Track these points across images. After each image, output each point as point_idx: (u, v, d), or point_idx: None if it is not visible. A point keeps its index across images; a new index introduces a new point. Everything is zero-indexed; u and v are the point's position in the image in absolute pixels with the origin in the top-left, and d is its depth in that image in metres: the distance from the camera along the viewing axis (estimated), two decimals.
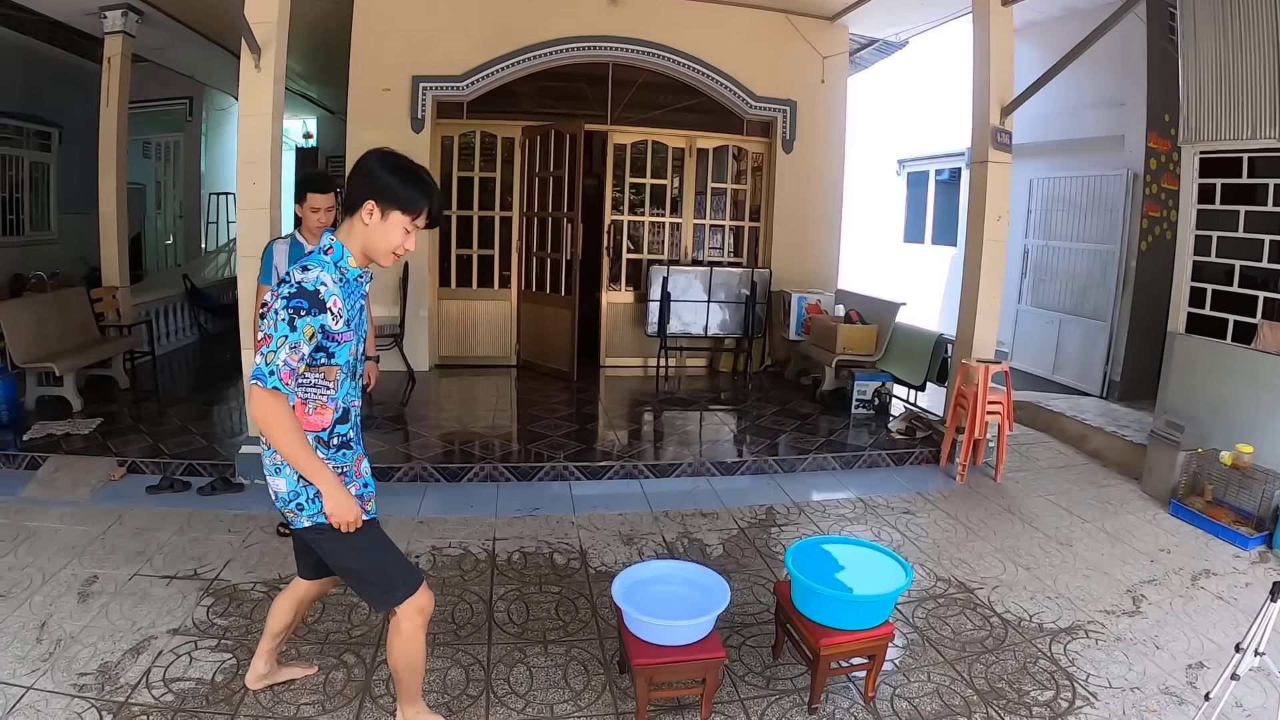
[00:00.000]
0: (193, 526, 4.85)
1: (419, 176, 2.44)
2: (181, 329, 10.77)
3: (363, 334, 2.57)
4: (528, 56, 8.41)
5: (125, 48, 8.79)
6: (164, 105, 13.79)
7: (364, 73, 8.47)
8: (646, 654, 2.76)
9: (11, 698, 3.13)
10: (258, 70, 5.52)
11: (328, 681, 3.21)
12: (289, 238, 4.59)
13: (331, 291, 2.34)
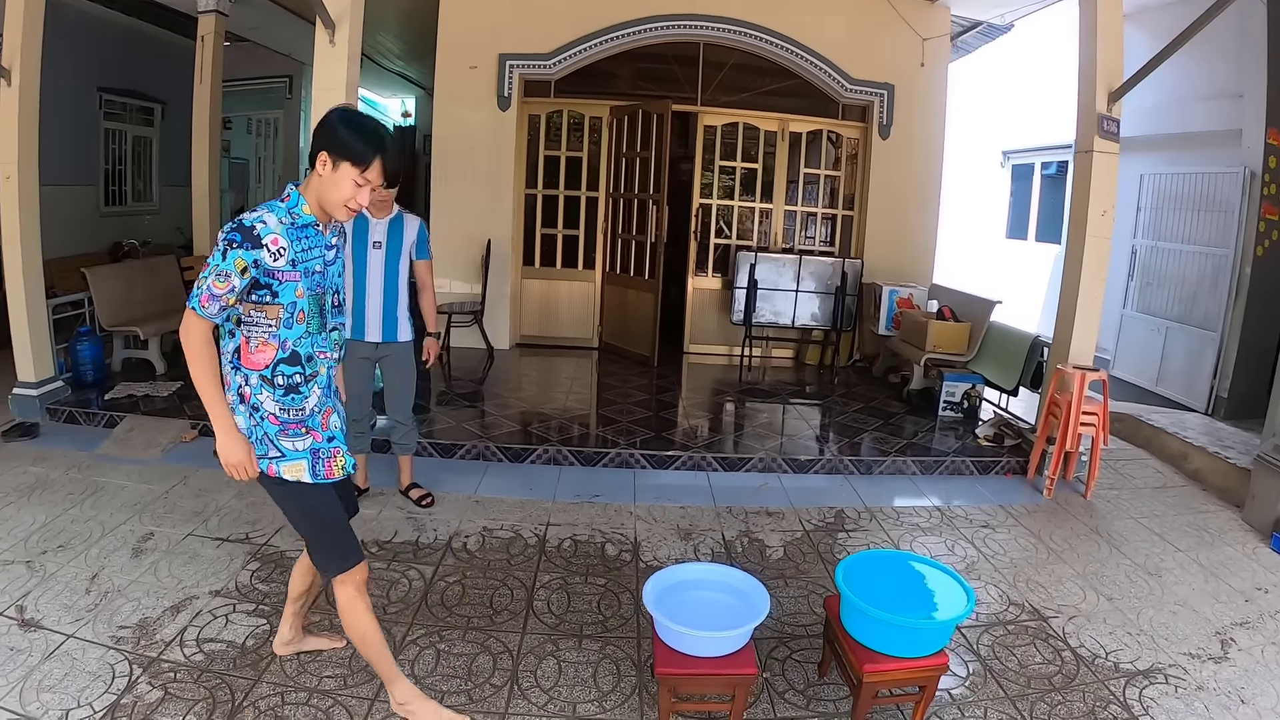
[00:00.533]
0: (252, 491, 4.90)
1: (371, 131, 2.52)
2: None
3: (331, 284, 2.67)
4: (616, 34, 8.31)
5: (218, 26, 9.07)
6: (265, 83, 14.33)
7: (451, 51, 8.53)
8: (673, 663, 2.61)
9: (52, 644, 3.26)
10: (332, 45, 5.58)
11: (353, 656, 3.19)
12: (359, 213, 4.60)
13: (271, 230, 2.42)
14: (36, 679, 3.02)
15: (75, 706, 2.88)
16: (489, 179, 8.45)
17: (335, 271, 2.71)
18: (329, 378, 2.70)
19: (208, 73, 9.10)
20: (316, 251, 2.58)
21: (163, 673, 3.09)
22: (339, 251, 2.75)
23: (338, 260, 2.73)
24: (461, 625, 3.46)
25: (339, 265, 2.75)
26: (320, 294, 2.61)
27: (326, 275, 2.64)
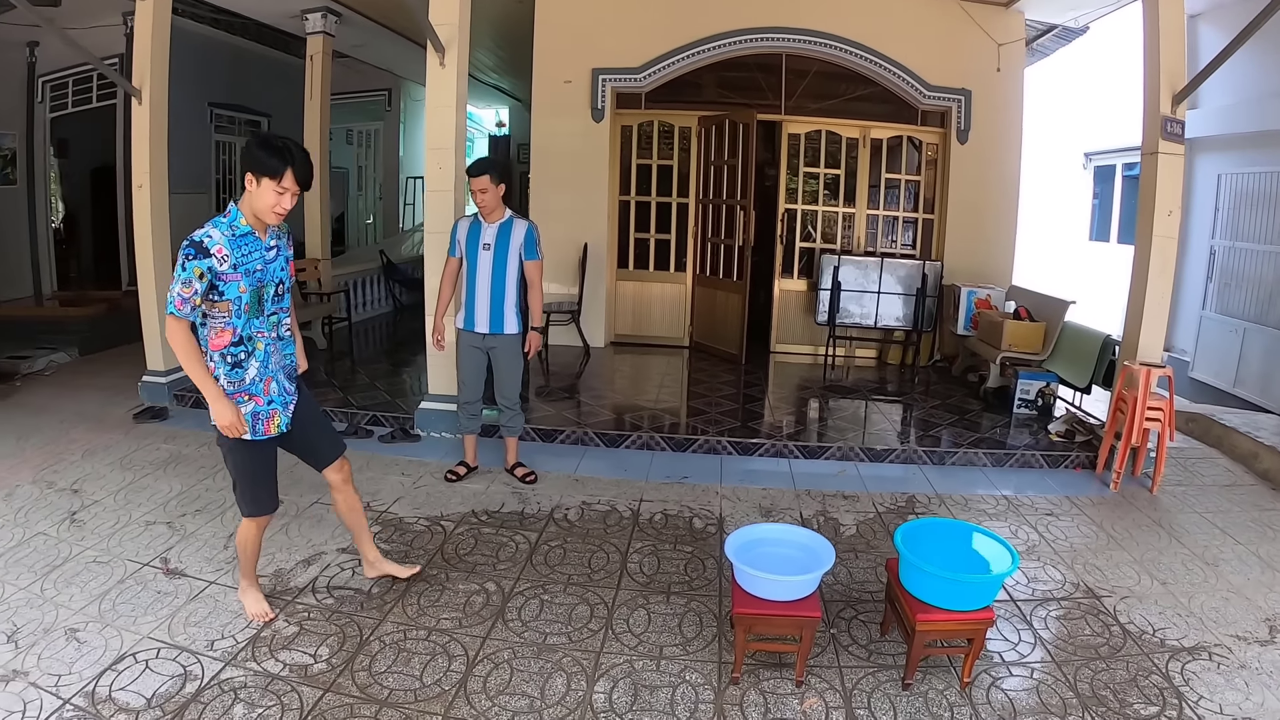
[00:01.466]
0: (371, 467, 5.52)
1: (279, 148, 3.15)
2: (377, 299, 11.78)
3: (272, 277, 3.32)
4: (702, 48, 8.69)
5: (326, 46, 9.72)
6: (365, 97, 15.14)
7: (546, 65, 8.99)
8: (749, 605, 3.01)
9: (196, 588, 3.88)
10: (442, 67, 6.06)
11: (468, 603, 3.70)
12: (472, 216, 5.10)
13: (216, 241, 3.09)
14: (183, 616, 3.60)
15: (219, 638, 3.44)
16: (585, 186, 8.90)
17: (277, 267, 3.34)
18: (266, 353, 3.33)
19: (317, 89, 9.80)
20: (256, 254, 3.23)
21: (297, 613, 3.64)
22: (280, 251, 3.37)
23: (279, 258, 3.36)
24: (563, 581, 3.94)
25: (281, 261, 3.37)
26: (260, 287, 3.26)
27: (266, 271, 3.28)
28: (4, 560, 4.15)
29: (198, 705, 3.00)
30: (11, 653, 3.33)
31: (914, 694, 3.09)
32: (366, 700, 3.04)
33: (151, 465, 5.65)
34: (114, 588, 3.88)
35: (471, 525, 4.62)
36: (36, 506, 4.89)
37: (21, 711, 2.99)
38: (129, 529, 4.54)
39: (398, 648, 3.37)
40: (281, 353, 3.43)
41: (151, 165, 7.19)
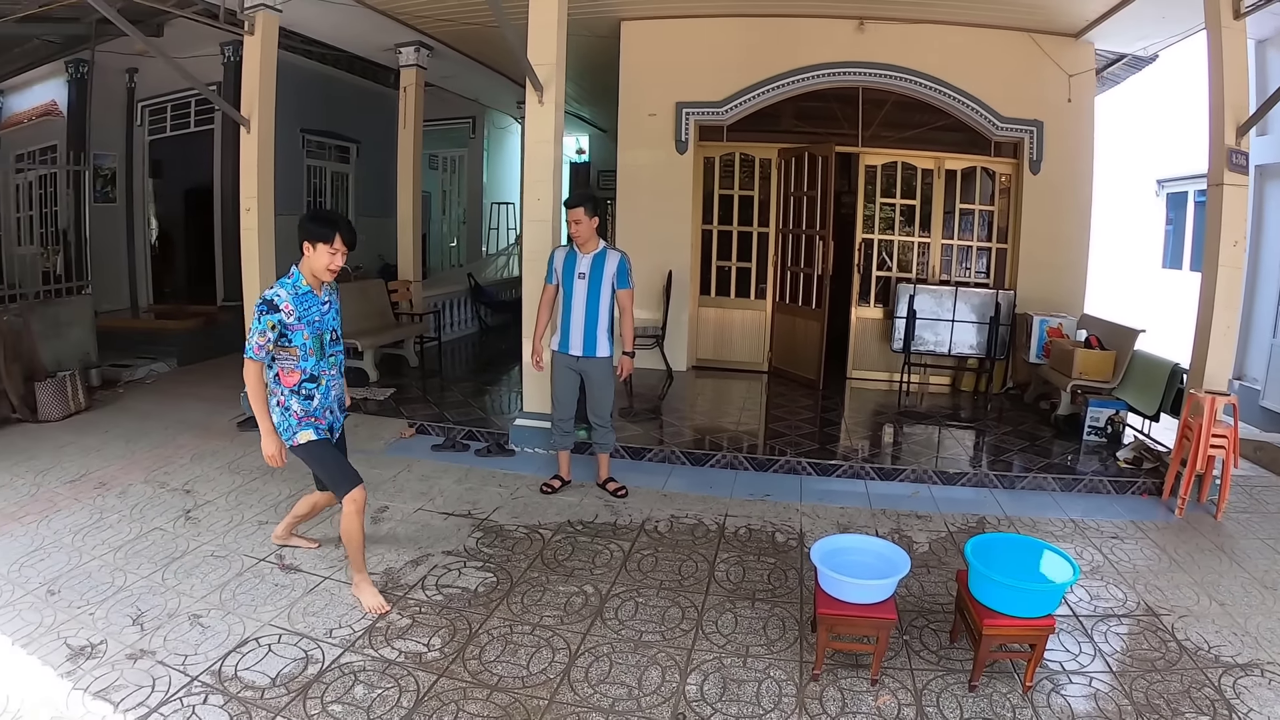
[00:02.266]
0: (469, 479, 6.02)
1: (328, 219, 3.97)
2: (464, 320, 12.32)
3: (328, 328, 4.05)
4: (781, 83, 9.04)
5: (418, 78, 10.28)
6: (450, 124, 15.74)
7: (632, 99, 9.43)
8: (831, 606, 3.36)
9: (312, 583, 4.35)
10: (541, 104, 6.49)
11: (568, 603, 4.13)
12: (569, 246, 5.54)
13: (284, 299, 3.84)
14: (301, 606, 4.08)
15: (337, 627, 3.88)
16: (669, 216, 9.30)
17: (330, 317, 4.07)
18: (328, 388, 4.09)
19: (410, 118, 10.39)
20: (314, 308, 3.96)
21: (409, 607, 4.08)
22: (331, 304, 4.09)
23: (331, 309, 4.09)
24: (655, 586, 4.34)
25: (332, 313, 4.10)
26: (320, 334, 3.98)
27: (323, 321, 4.01)
28: (124, 552, 4.70)
29: (320, 685, 3.39)
30: (138, 634, 3.78)
31: (979, 696, 3.34)
32: (478, 685, 3.41)
33: (259, 470, 6.16)
34: (233, 579, 4.36)
35: (568, 534, 5.03)
36: (151, 504, 5.47)
37: (151, 686, 3.39)
38: (242, 527, 5.08)
39: (505, 640, 3.76)
40: (339, 386, 4.22)
41: (259, 189, 7.77)
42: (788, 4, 8.65)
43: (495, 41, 9.50)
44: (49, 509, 5.41)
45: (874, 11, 8.55)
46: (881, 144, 9.20)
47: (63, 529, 5.05)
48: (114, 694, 3.34)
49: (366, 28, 9.44)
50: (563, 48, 6.53)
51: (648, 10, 9.10)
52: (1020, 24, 8.50)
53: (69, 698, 3.31)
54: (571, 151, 18.37)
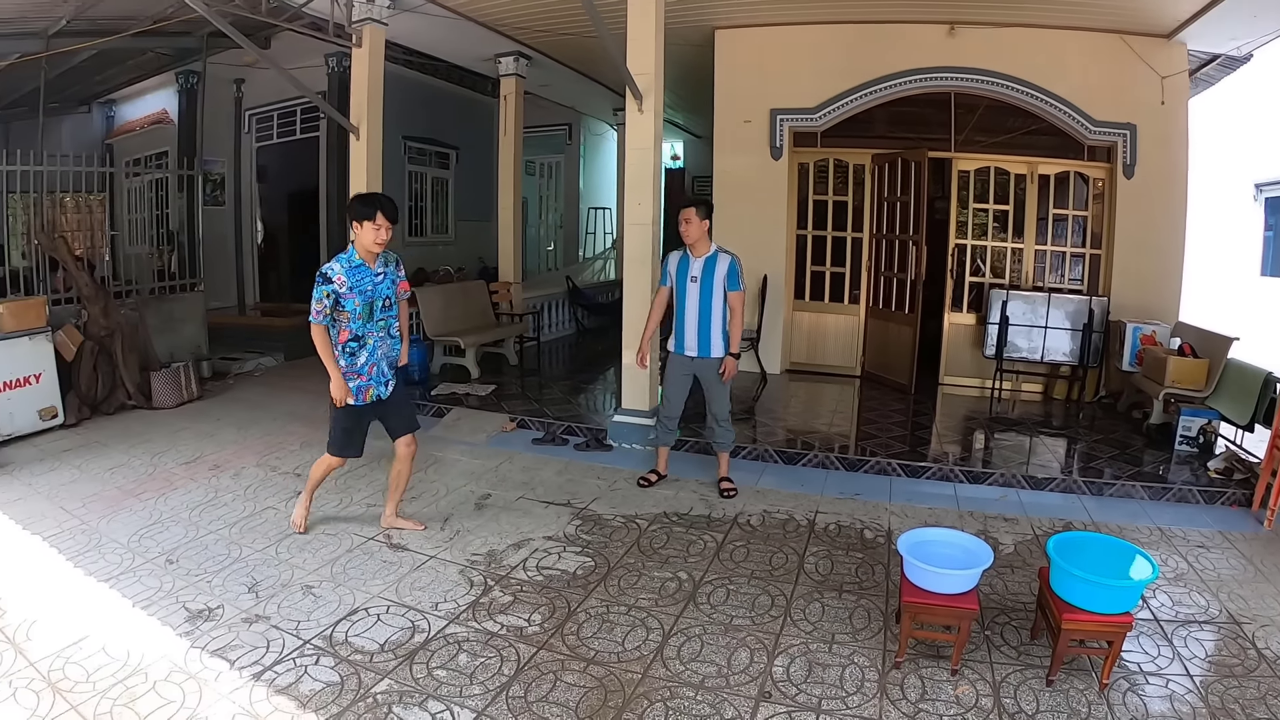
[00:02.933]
0: (568, 472, 6.38)
1: (370, 199, 4.66)
2: (562, 322, 12.71)
3: (381, 296, 4.69)
4: (874, 89, 9.14)
5: (518, 87, 10.70)
6: (547, 131, 16.09)
7: (726, 106, 9.66)
8: (915, 595, 3.57)
9: (419, 561, 4.73)
10: (640, 113, 6.78)
11: (662, 587, 4.43)
12: (682, 250, 5.78)
13: (336, 271, 4.54)
14: (409, 582, 4.45)
15: (443, 601, 4.22)
16: (764, 221, 9.50)
17: (384, 286, 4.72)
18: (374, 347, 4.72)
19: (510, 126, 10.84)
20: (366, 279, 4.62)
21: (511, 586, 4.43)
22: (387, 275, 4.74)
23: (385, 280, 4.72)
24: (746, 575, 4.60)
25: (387, 283, 4.73)
26: (371, 301, 4.64)
27: (375, 290, 4.66)
28: (239, 527, 5.19)
29: (426, 652, 3.70)
30: (253, 601, 4.20)
31: (1056, 690, 3.44)
32: (575, 658, 3.67)
33: (365, 458, 6.40)
34: (343, 555, 4.79)
35: (663, 524, 5.33)
36: (263, 486, 5.99)
37: (265, 647, 3.73)
38: (352, 509, 5.54)
39: (602, 619, 4.06)
40: (388, 345, 4.81)
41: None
42: (879, 10, 8.74)
43: (592, 50, 9.83)
44: (166, 487, 5.98)
45: (964, 16, 8.57)
46: (974, 149, 9.21)
47: (180, 505, 5.59)
48: (230, 653, 3.70)
49: (468, 39, 9.88)
50: (661, 57, 6.80)
51: (741, 19, 9.31)
52: (1111, 25, 8.41)
53: (187, 654, 3.68)
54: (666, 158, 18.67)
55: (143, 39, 10.31)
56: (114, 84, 15.05)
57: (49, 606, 4.14)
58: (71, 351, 7.99)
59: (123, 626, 3.94)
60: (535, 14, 9.10)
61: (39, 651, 3.70)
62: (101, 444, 7.17)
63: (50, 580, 4.46)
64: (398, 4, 8.34)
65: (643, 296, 6.93)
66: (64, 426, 7.68)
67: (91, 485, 6.06)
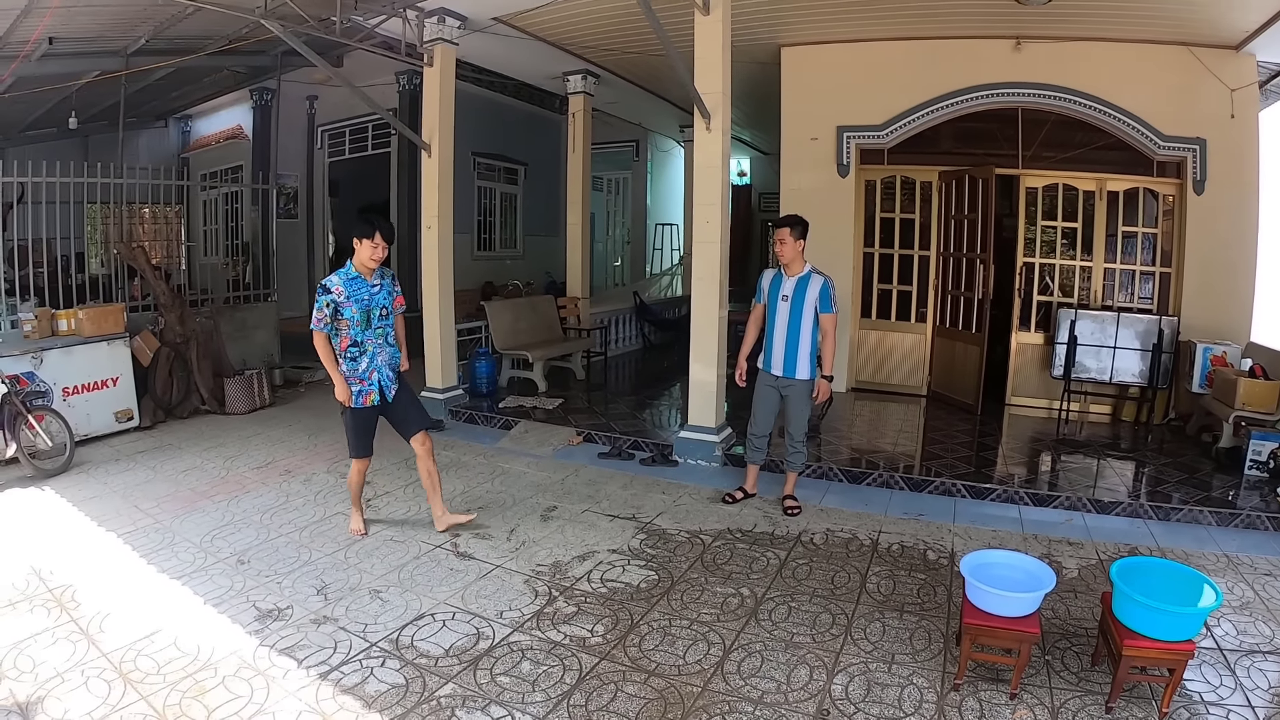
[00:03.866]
0: (633, 486, 6.54)
1: (369, 221, 4.97)
2: (629, 337, 12.87)
3: (377, 305, 5.07)
4: (941, 106, 9.14)
5: (586, 104, 10.90)
6: (614, 147, 16.31)
7: (793, 124, 9.75)
8: (977, 617, 3.63)
9: (484, 570, 4.90)
10: (708, 131, 6.89)
11: (725, 603, 4.54)
12: (777, 268, 5.87)
13: (335, 283, 4.94)
14: (474, 590, 4.63)
15: (508, 609, 4.36)
16: (831, 239, 9.46)
17: (380, 297, 5.09)
18: (374, 353, 5.09)
19: (578, 143, 11.02)
20: (363, 290, 5.00)
21: (575, 597, 4.57)
22: (383, 287, 5.11)
23: (381, 291, 5.10)
24: (808, 593, 4.70)
25: (383, 294, 5.10)
26: (368, 310, 5.01)
27: (372, 300, 5.03)
28: (309, 531, 5.44)
29: (490, 659, 3.84)
30: (321, 603, 4.41)
31: (1115, 718, 3.44)
32: (636, 669, 3.78)
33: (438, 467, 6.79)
34: (410, 562, 4.98)
35: (727, 540, 5.45)
36: (333, 492, 6.24)
37: (333, 648, 3.91)
38: (419, 517, 5.74)
39: (664, 632, 4.19)
40: (387, 353, 5.18)
41: (440, 208, 8.52)
42: (945, 26, 8.75)
43: (659, 68, 10.01)
44: (238, 490, 6.28)
45: (1030, 30, 8.55)
46: (1042, 165, 9.14)
47: (251, 508, 5.87)
48: (298, 652, 3.88)
49: (536, 58, 10.13)
50: (728, 76, 6.91)
51: (807, 36, 9.39)
52: (1177, 38, 8.28)
53: (256, 652, 3.87)
54: (733, 174, 18.77)
55: (218, 57, 10.76)
56: (190, 100, 15.71)
57: (122, 600, 4.41)
58: (148, 357, 8.41)
59: (194, 622, 4.18)
60: (603, 34, 9.31)
61: (111, 643, 3.95)
62: (175, 446, 7.56)
63: (124, 576, 4.75)
64: (468, 24, 8.61)
65: (711, 313, 7.07)
66: (139, 429, 8.11)
67: (165, 486, 6.41)
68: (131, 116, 13.07)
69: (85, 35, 9.41)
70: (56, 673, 3.67)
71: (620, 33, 9.20)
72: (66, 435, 6.96)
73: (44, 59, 9.58)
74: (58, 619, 4.20)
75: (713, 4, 6.74)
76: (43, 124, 14.22)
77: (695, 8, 6.76)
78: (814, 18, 8.78)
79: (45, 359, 7.45)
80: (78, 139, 14.71)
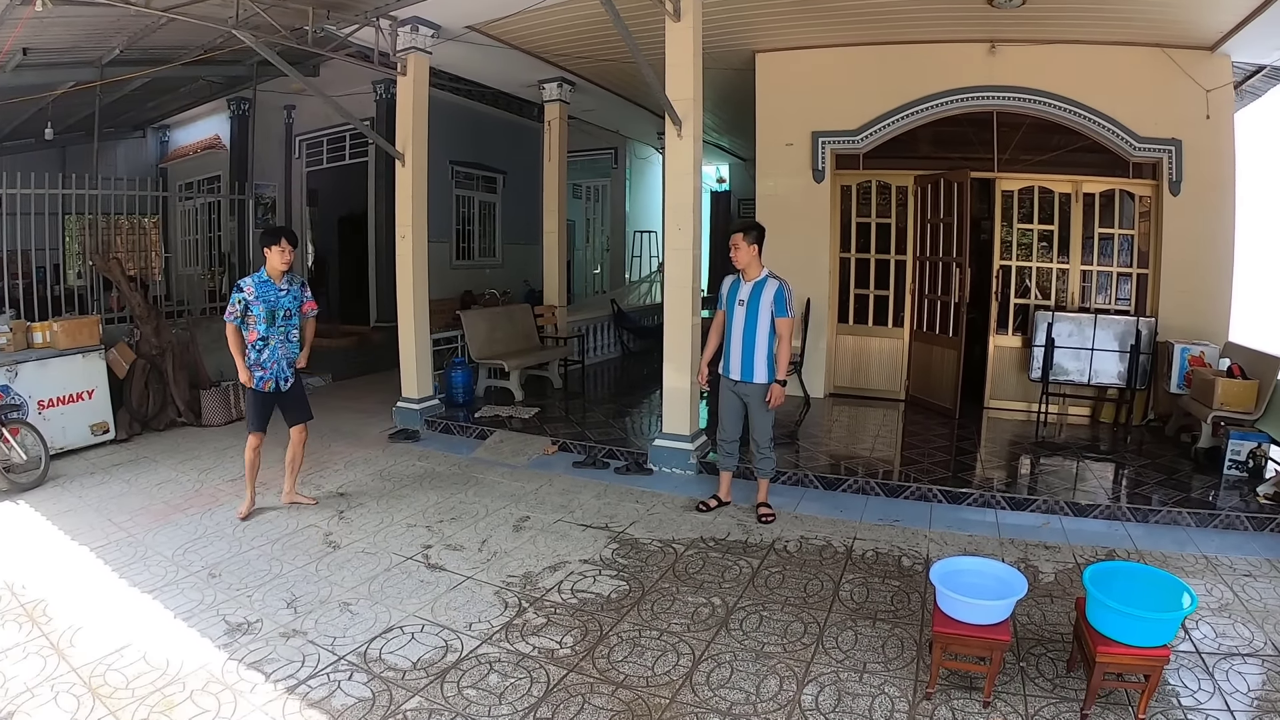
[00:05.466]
0: (607, 495, 6.46)
1: (274, 230, 5.84)
2: (607, 345, 12.80)
3: (282, 308, 5.78)
4: (915, 110, 9.13)
5: (562, 112, 10.85)
6: (592, 155, 16.28)
7: (768, 129, 9.71)
8: (947, 625, 3.56)
9: (455, 581, 4.84)
10: (680, 138, 6.84)
11: (695, 613, 4.48)
12: (736, 274, 5.86)
13: (248, 284, 5.68)
14: (444, 601, 4.56)
15: (477, 621, 4.35)
16: (807, 244, 9.49)
17: (287, 300, 5.80)
18: (275, 347, 5.77)
19: (554, 151, 10.99)
20: (272, 292, 5.72)
21: (545, 608, 4.51)
22: (289, 291, 5.81)
23: (288, 295, 5.80)
24: (780, 601, 4.62)
25: (288, 298, 5.80)
26: (274, 310, 5.72)
27: (278, 302, 5.74)
28: (281, 544, 5.36)
29: (457, 671, 3.81)
30: (291, 616, 4.36)
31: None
32: (604, 681, 3.73)
33: (408, 478, 6.86)
34: (381, 574, 4.93)
35: (700, 549, 5.37)
36: (306, 505, 6.16)
37: (300, 661, 3.88)
38: (392, 529, 5.68)
39: (633, 643, 4.12)
40: (287, 348, 5.86)
41: (413, 218, 8.46)
42: (919, 31, 8.72)
43: (634, 75, 9.94)
44: (211, 503, 6.22)
45: (1004, 34, 8.52)
46: (1018, 168, 9.14)
47: (224, 521, 5.82)
48: (266, 666, 3.85)
49: (511, 66, 10.07)
50: (699, 83, 6.86)
51: (780, 42, 9.37)
52: (1152, 39, 8.27)
53: (224, 666, 3.85)
54: (712, 180, 18.75)
55: (194, 67, 10.67)
56: (167, 110, 15.62)
57: (93, 615, 4.37)
58: (124, 369, 8.32)
59: (163, 636, 4.13)
60: (577, 41, 9.26)
61: (81, 657, 3.91)
62: (151, 459, 7.48)
63: (96, 590, 4.70)
64: (441, 33, 8.55)
65: (684, 320, 7.00)
66: (115, 441, 8.02)
67: (139, 499, 6.35)
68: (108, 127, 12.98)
69: (59, 46, 9.35)
70: (26, 688, 3.66)
71: (594, 40, 9.16)
72: (42, 449, 6.88)
73: (18, 70, 9.54)
74: (29, 634, 4.18)
75: (684, 10, 6.69)
76: (19, 135, 14.13)
77: (666, 15, 6.71)
78: (787, 23, 8.74)
79: (20, 371, 7.37)
80: (55, 150, 14.58)
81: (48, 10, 5.98)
